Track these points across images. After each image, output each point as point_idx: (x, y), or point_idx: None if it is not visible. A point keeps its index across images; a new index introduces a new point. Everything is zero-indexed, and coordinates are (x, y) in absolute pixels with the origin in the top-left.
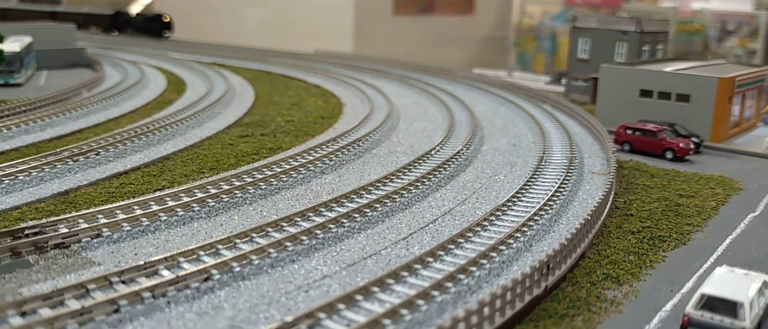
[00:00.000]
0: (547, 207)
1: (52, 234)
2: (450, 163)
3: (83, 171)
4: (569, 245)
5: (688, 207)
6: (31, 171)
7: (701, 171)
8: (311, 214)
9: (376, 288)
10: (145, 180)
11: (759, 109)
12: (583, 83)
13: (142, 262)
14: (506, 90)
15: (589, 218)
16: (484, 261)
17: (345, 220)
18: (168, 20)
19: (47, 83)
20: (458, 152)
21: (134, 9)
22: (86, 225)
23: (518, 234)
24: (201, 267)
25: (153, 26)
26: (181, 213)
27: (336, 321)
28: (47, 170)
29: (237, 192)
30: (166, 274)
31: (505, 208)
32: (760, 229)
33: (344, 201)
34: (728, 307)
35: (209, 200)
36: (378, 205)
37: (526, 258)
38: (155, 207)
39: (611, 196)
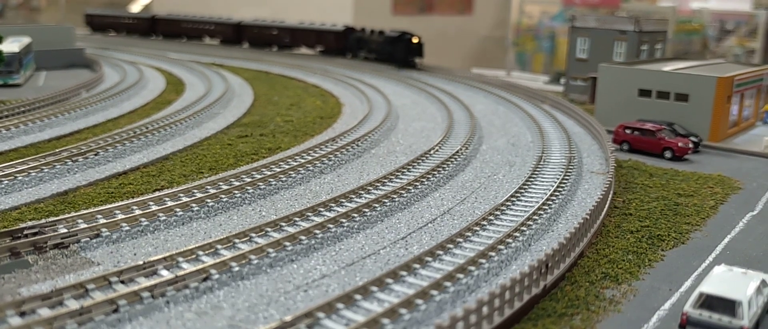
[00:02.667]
0: (546, 207)
1: (51, 234)
2: (449, 162)
3: (82, 171)
4: (568, 244)
5: (686, 206)
6: (30, 171)
7: (700, 171)
8: (310, 214)
9: (375, 288)
10: (144, 181)
11: (758, 108)
12: (581, 83)
13: (141, 262)
14: (505, 89)
15: (588, 217)
16: (483, 261)
17: (344, 220)
18: (417, 42)
19: (46, 84)
20: (457, 152)
21: (368, 26)
22: (85, 226)
23: (517, 234)
24: (200, 267)
25: (397, 50)
26: (180, 213)
27: (335, 320)
28: (46, 170)
29: (236, 192)
30: (165, 274)
31: (504, 208)
32: (758, 228)
33: (343, 201)
34: (727, 306)
35: (208, 200)
36: (377, 205)
37: (524, 258)
38: (154, 208)
39: (610, 196)
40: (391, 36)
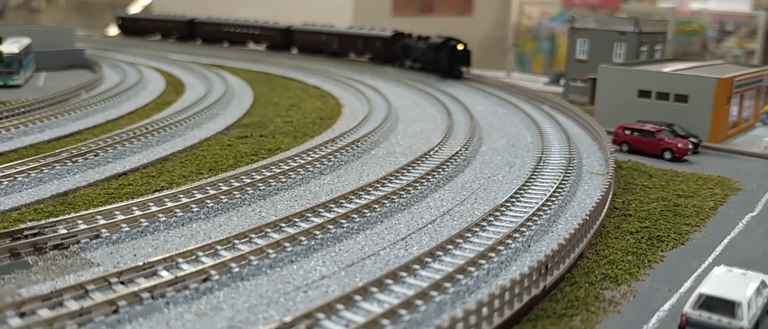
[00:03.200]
0: (546, 208)
1: (51, 235)
2: (449, 163)
3: (82, 172)
4: (567, 245)
5: (686, 207)
6: (30, 172)
7: (700, 172)
8: (310, 215)
9: (374, 289)
10: (143, 182)
11: (757, 109)
12: (581, 84)
13: (141, 263)
14: (505, 91)
15: (588, 218)
16: (483, 262)
17: (344, 221)
18: (463, 49)
19: (46, 84)
20: (457, 153)
21: (415, 30)
22: (85, 226)
23: (517, 235)
24: (200, 267)
25: (440, 58)
26: (180, 214)
27: (335, 321)
28: (46, 171)
29: (236, 193)
30: (165, 275)
31: (504, 209)
32: (758, 229)
33: (343, 201)
34: (726, 307)
35: (208, 201)
36: (377, 206)
37: (524, 259)
38: (154, 208)
39: (610, 197)
40: (435, 43)
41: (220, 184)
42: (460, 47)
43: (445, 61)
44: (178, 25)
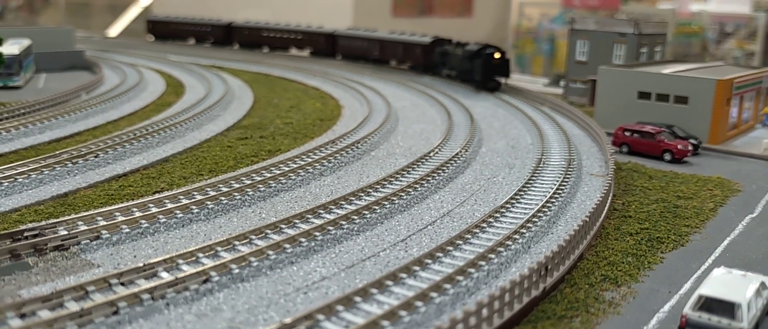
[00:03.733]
0: (546, 209)
1: (52, 236)
2: (449, 164)
3: (82, 173)
4: (567, 247)
5: (686, 208)
6: (31, 173)
7: (699, 173)
8: (310, 216)
9: (374, 290)
10: (144, 183)
11: (757, 110)
12: (581, 85)
13: (141, 264)
14: (504, 92)
15: (588, 220)
16: (483, 263)
17: (344, 222)
18: (500, 57)
19: (46, 86)
20: (457, 154)
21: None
22: (85, 228)
23: (517, 236)
24: (200, 269)
25: (475, 68)
26: (180, 215)
27: (335, 322)
28: (46, 172)
29: (236, 194)
30: (165, 276)
31: (504, 210)
32: (758, 230)
33: (343, 203)
34: (726, 308)
35: (208, 202)
36: (377, 207)
37: (524, 260)
38: (154, 210)
39: (609, 198)
40: (470, 50)
41: (220, 186)
42: (496, 56)
43: (479, 71)
44: (215, 29)
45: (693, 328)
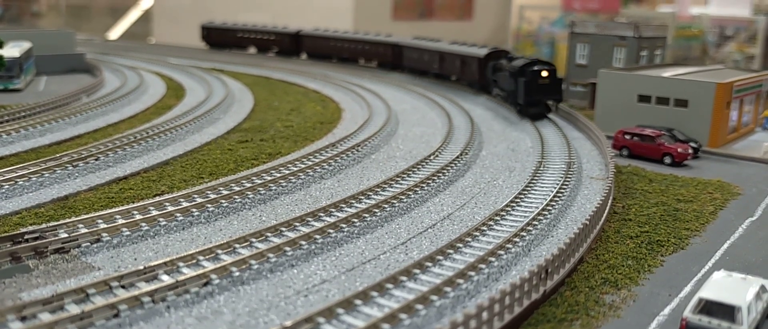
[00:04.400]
0: (546, 212)
1: (52, 239)
2: (449, 167)
3: (83, 176)
4: (568, 250)
5: (686, 211)
6: (31, 176)
7: (699, 176)
8: (310, 219)
9: (375, 293)
10: (144, 186)
11: (757, 114)
12: (581, 88)
13: (141, 267)
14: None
15: (588, 223)
16: (483, 266)
17: (344, 225)
18: (548, 75)
19: (46, 88)
20: (457, 157)
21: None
22: (86, 230)
23: (517, 239)
24: (200, 272)
25: (518, 88)
26: (181, 218)
27: (335, 325)
28: (47, 175)
29: (236, 197)
30: (166, 279)
31: (504, 213)
32: (758, 234)
33: (343, 206)
34: (726, 311)
35: (208, 205)
36: (377, 210)
37: (524, 263)
38: (155, 213)
39: (610, 201)
40: (514, 66)
41: (221, 189)
42: (544, 74)
43: (522, 93)
44: (281, 38)
45: None
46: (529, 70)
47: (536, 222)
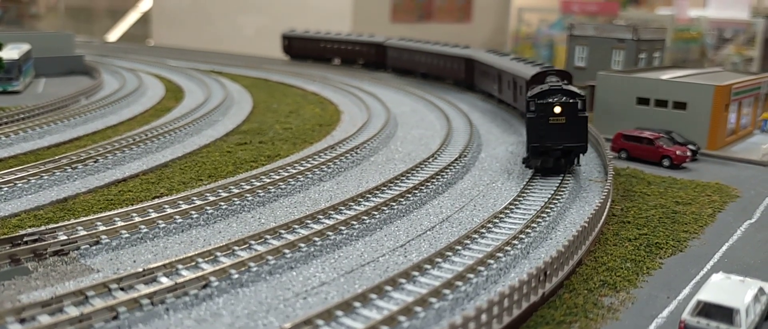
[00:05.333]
0: (545, 215)
1: (51, 241)
2: (448, 170)
3: (82, 178)
4: (566, 252)
5: (684, 214)
6: (30, 178)
7: (698, 179)
8: (309, 222)
9: (374, 296)
10: (143, 188)
11: (755, 116)
12: (580, 91)
13: (140, 269)
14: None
15: (587, 225)
16: (482, 269)
17: (343, 228)
18: (561, 112)
19: (45, 90)
20: (456, 159)
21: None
22: (85, 233)
23: (516, 242)
24: (199, 274)
25: (530, 128)
26: (180, 220)
27: (334, 328)
28: (46, 177)
29: (235, 199)
30: (165, 281)
31: (503, 215)
32: (756, 236)
33: (342, 208)
34: (724, 314)
35: (208, 207)
36: (376, 213)
37: (523, 266)
38: (154, 215)
39: (608, 204)
40: (531, 94)
41: (220, 191)
42: (557, 110)
43: (533, 135)
44: (365, 49)
45: None
46: (541, 103)
47: (535, 225)
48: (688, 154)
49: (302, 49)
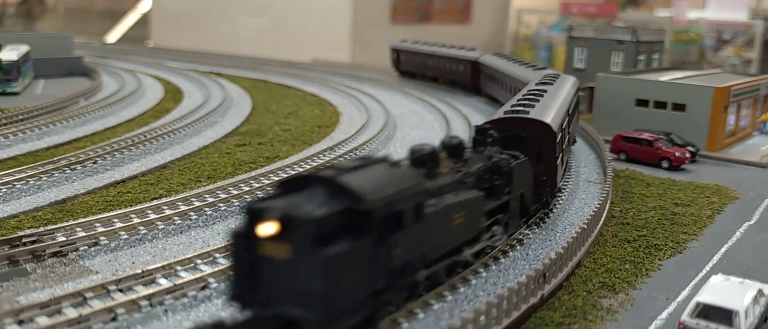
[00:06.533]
0: (544, 216)
1: (50, 242)
2: None
3: (80, 179)
4: (565, 254)
5: (683, 215)
6: (29, 179)
7: (697, 180)
8: None
9: None
10: (142, 189)
11: (754, 118)
12: (579, 92)
13: (139, 271)
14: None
15: (586, 227)
16: (481, 270)
17: None
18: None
19: (44, 92)
20: None
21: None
22: (83, 234)
23: (515, 243)
24: (198, 275)
25: None
26: (179, 221)
27: None
28: (44, 179)
29: (234, 201)
30: (164, 283)
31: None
32: (755, 238)
33: None
34: (723, 315)
35: (206, 209)
36: None
37: (522, 267)
38: (152, 216)
39: (607, 205)
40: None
41: (219, 192)
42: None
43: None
44: (459, 66)
45: None
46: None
47: (534, 226)
48: (687, 155)
49: (412, 64)
